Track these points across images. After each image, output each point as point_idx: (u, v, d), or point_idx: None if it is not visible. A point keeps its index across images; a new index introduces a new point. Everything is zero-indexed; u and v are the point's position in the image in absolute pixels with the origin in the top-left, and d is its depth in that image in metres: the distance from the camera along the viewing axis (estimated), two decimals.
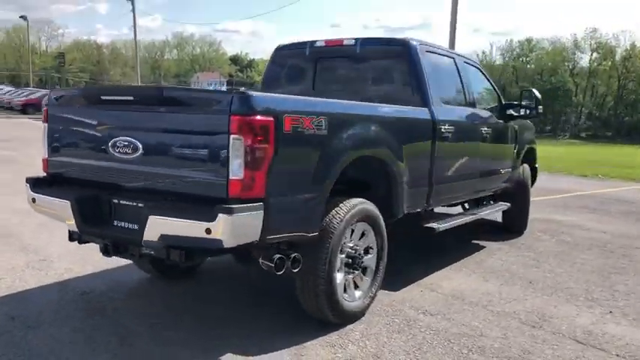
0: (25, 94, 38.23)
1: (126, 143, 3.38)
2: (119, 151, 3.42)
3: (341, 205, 3.73)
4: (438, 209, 5.57)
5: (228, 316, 3.98)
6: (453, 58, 5.57)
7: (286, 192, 3.23)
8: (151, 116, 3.33)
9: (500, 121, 6.17)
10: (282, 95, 3.48)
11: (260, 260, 3.35)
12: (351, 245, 3.90)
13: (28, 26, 73.66)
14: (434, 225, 4.91)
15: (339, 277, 3.75)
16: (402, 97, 4.77)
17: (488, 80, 6.34)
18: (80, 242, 3.75)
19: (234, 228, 2.95)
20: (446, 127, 4.84)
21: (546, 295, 4.69)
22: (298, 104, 3.41)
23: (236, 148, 2.95)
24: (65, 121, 3.79)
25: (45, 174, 3.96)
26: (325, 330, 3.74)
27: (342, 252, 3.79)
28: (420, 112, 4.63)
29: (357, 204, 3.82)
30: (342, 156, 3.59)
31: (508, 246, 6.40)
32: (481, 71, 6.26)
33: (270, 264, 3.28)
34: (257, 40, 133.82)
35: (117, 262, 4.67)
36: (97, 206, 3.51)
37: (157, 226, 3.13)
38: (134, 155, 3.36)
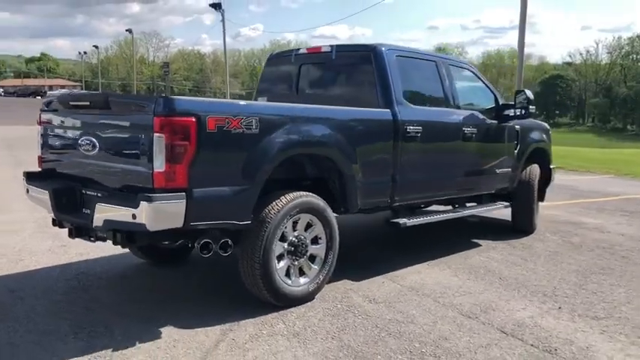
0: None
1: (88, 142, 3.98)
2: (84, 149, 4.01)
3: (281, 197, 4.10)
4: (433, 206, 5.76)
5: (191, 297, 4.47)
6: (434, 61, 5.74)
7: (211, 184, 3.66)
8: (101, 118, 3.89)
9: (494, 121, 6.25)
10: (206, 99, 3.94)
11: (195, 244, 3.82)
12: (296, 234, 4.26)
13: (133, 38, 79.22)
14: (400, 221, 5.16)
15: (278, 262, 4.13)
16: (368, 98, 5.06)
17: (484, 82, 6.43)
18: (61, 227, 4.39)
19: (154, 214, 3.43)
20: (412, 127, 5.06)
21: (507, 291, 4.79)
22: (222, 107, 3.84)
23: (159, 145, 3.44)
24: (51, 124, 4.46)
25: (40, 169, 4.65)
26: (267, 310, 4.12)
27: (284, 240, 4.16)
28: (379, 113, 4.90)
29: (297, 197, 4.18)
30: (275, 154, 3.97)
31: (505, 245, 6.43)
32: (475, 74, 6.37)
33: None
34: None
35: (124, 250, 5.23)
36: (70, 196, 4.11)
37: (102, 213, 3.68)
38: (93, 152, 3.95)
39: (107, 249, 5.43)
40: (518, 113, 6.25)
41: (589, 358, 3.52)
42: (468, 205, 6.45)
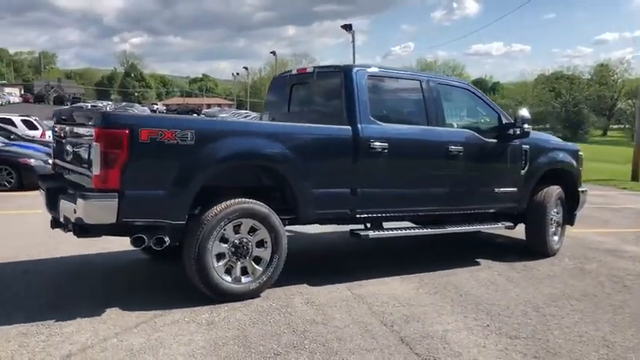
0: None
1: (68, 149, 4.81)
2: (66, 155, 4.86)
3: (221, 203, 4.61)
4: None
5: (159, 288, 5.12)
6: (419, 81, 5.88)
7: (143, 187, 4.28)
8: (73, 129, 4.70)
9: (493, 140, 6.21)
10: (141, 114, 4.57)
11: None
12: (238, 237, 4.72)
13: (276, 60, 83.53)
14: (361, 232, 5.42)
15: (218, 261, 4.62)
16: (338, 115, 5.40)
17: (485, 102, 6.42)
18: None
19: (89, 210, 4.13)
20: (378, 143, 5.30)
21: (452, 307, 4.82)
22: (156, 121, 4.45)
23: (96, 152, 4.14)
24: (56, 134, 5.40)
25: (53, 172, 5.61)
26: (207, 302, 4.61)
27: (225, 242, 4.65)
28: (338, 130, 5.23)
29: (236, 203, 4.66)
30: (209, 164, 4.49)
31: (505, 266, 6.30)
32: (474, 94, 6.40)
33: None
34: (508, 63, 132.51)
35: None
36: (54, 194, 4.92)
37: (63, 208, 4.45)
38: (69, 157, 4.78)
39: (126, 244, 6.27)
40: (518, 133, 6.16)
41: None
42: (468, 222, 6.42)
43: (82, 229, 4.48)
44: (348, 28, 49.24)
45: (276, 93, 6.62)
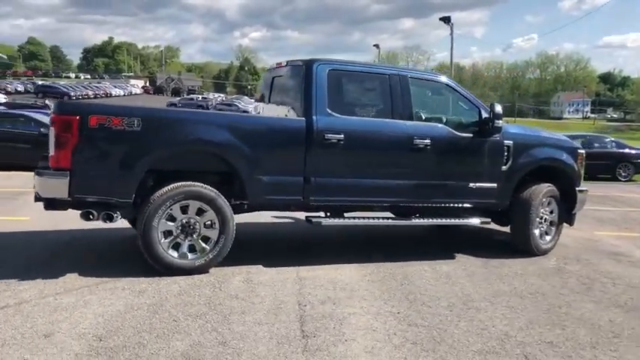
0: None
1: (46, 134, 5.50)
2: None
3: (167, 186, 5.08)
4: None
5: (128, 260, 5.64)
6: (387, 75, 5.99)
7: (92, 167, 4.84)
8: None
9: (468, 135, 6.19)
10: (92, 102, 5.13)
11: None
12: (186, 217, 5.17)
13: (379, 53, 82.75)
14: (314, 219, 5.67)
15: (165, 238, 5.10)
16: (298, 107, 5.69)
17: (465, 97, 6.38)
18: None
19: (43, 185, 4.78)
20: (332, 134, 5.53)
21: (379, 293, 4.96)
22: (105, 108, 4.98)
23: (52, 135, 4.75)
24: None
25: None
26: (153, 275, 5.10)
27: (172, 220, 5.12)
28: (290, 121, 5.54)
29: (182, 186, 5.11)
30: (154, 148, 4.97)
31: (479, 262, 6.26)
32: (454, 89, 6.40)
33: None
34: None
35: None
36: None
37: (34, 184, 5.13)
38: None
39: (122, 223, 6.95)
40: (489, 128, 6.09)
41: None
42: (443, 215, 6.44)
43: (49, 203, 5.12)
44: (446, 20, 48.50)
45: (264, 85, 7.02)
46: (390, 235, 7.53)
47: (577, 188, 6.94)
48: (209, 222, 5.27)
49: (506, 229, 7.05)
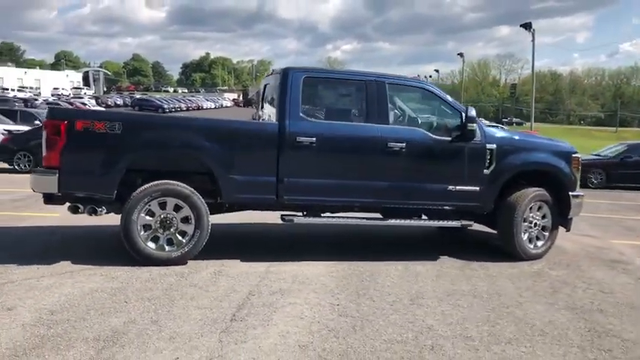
0: None
1: None
2: None
3: (147, 184, 5.62)
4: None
5: (117, 250, 6.26)
6: (364, 82, 6.23)
7: (79, 166, 5.46)
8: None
9: (445, 138, 6.31)
10: (79, 109, 5.73)
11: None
12: (164, 212, 5.68)
13: (463, 61, 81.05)
14: (287, 218, 6.02)
15: (144, 231, 5.63)
16: (275, 112, 6.08)
17: (447, 102, 6.49)
18: None
19: (36, 181, 5.47)
20: (304, 137, 5.87)
21: (335, 286, 5.23)
22: (89, 114, 5.58)
23: (44, 138, 5.43)
24: None
25: None
26: (133, 264, 5.63)
27: (150, 215, 5.65)
28: (263, 125, 5.97)
29: (160, 184, 5.62)
30: (134, 149, 5.52)
31: (458, 263, 6.34)
32: (434, 94, 6.54)
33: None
34: None
35: None
36: None
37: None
38: None
39: None
40: (464, 132, 6.18)
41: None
42: (422, 217, 6.60)
43: (47, 197, 5.81)
44: (527, 27, 47.22)
45: (261, 91, 7.45)
46: (390, 235, 7.70)
47: (571, 193, 6.81)
48: (185, 217, 5.74)
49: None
